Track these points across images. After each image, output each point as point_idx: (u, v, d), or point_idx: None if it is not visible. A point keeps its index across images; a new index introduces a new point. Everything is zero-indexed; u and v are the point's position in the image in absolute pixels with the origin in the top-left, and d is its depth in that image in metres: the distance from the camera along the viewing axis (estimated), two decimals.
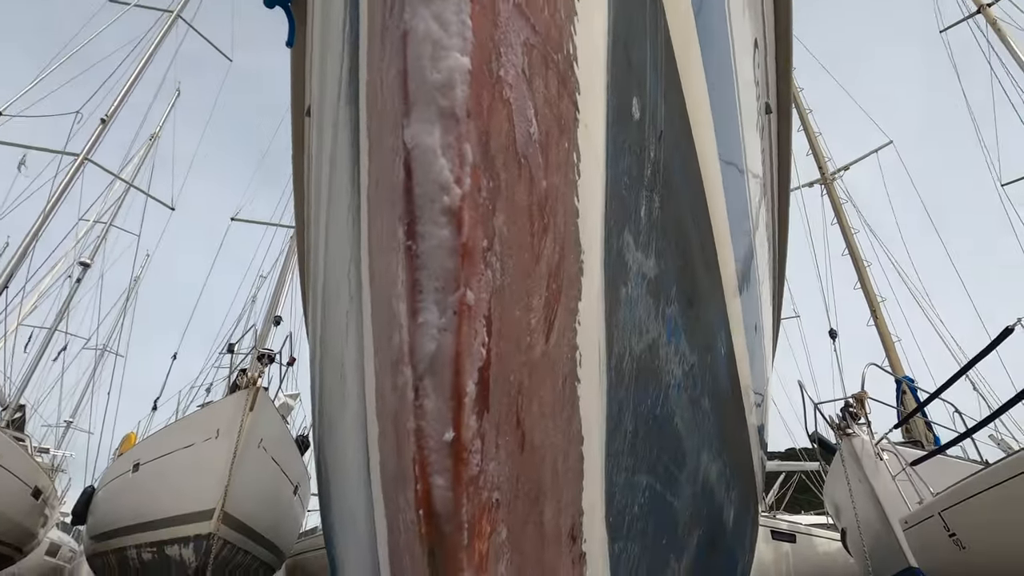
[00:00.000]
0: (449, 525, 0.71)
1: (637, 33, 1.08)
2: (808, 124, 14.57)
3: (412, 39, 0.72)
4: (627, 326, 1.07)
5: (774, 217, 2.82)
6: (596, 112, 0.91)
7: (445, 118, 0.71)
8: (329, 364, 1.41)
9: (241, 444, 6.10)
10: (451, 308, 0.71)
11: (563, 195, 0.83)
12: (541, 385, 0.81)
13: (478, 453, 0.72)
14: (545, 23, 0.81)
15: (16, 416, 11.31)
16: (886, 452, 5.82)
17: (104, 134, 10.73)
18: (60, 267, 15.99)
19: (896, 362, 10.56)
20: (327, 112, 1.32)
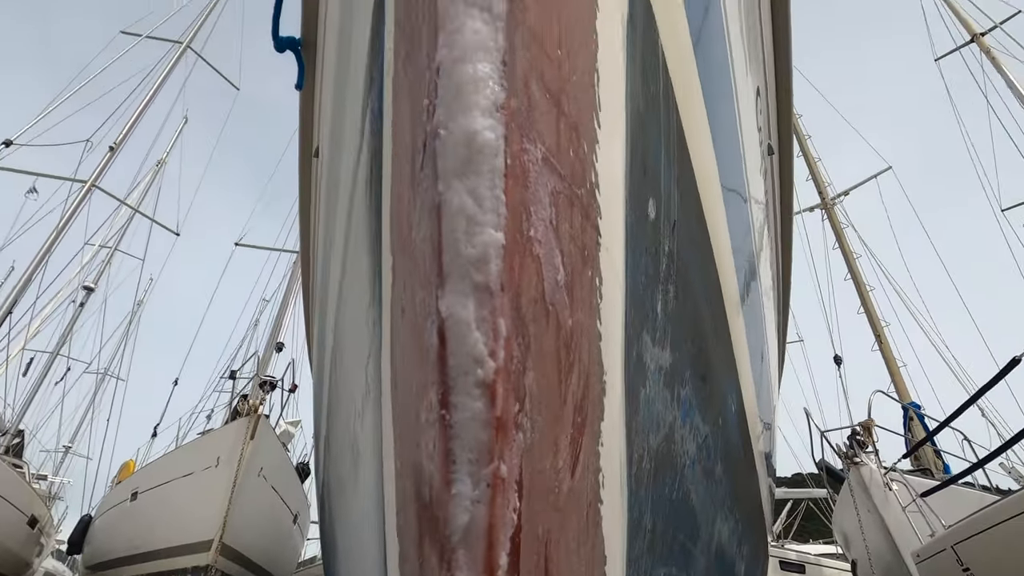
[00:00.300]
0: None
1: (652, 134, 1.10)
2: (807, 150, 14.73)
3: (446, 212, 0.73)
4: (646, 427, 1.06)
5: (777, 252, 2.84)
6: (616, 231, 0.91)
7: (480, 292, 0.72)
8: (339, 426, 1.41)
9: (241, 473, 6.04)
10: (485, 480, 0.71)
11: (587, 327, 0.83)
12: (567, 524, 0.80)
13: None
14: (570, 164, 0.82)
15: (15, 442, 11.23)
16: (895, 482, 5.73)
17: (112, 162, 10.90)
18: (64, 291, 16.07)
19: (902, 387, 10.47)
20: (342, 182, 1.34)
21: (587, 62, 0.86)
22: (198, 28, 14.25)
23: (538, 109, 0.77)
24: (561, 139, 0.80)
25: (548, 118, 0.79)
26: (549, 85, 0.79)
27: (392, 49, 0.86)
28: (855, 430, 6.34)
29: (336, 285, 1.43)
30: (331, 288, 1.53)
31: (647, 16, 1.09)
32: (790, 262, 3.11)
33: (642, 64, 1.05)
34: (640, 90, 1.03)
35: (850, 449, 6.21)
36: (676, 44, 1.24)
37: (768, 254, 2.36)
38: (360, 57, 1.14)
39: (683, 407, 1.26)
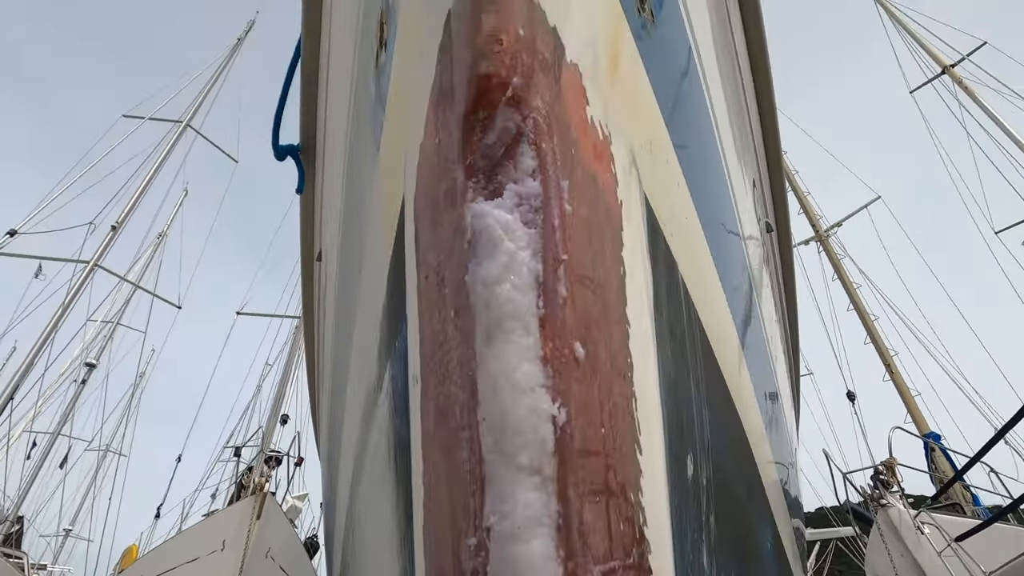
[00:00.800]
0: None
1: (684, 403, 1.09)
2: (796, 184, 14.99)
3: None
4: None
5: (785, 327, 2.84)
6: (665, 552, 0.87)
7: None
8: None
9: (248, 556, 5.82)
10: None
11: None
12: None
13: None
14: (623, 545, 0.77)
15: (14, 529, 10.89)
16: (927, 526, 5.53)
17: (114, 241, 11.09)
18: (66, 370, 15.98)
19: (919, 417, 10.26)
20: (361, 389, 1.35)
21: (626, 415, 0.83)
22: (197, 107, 14.77)
23: (592, 534, 0.73)
24: (612, 528, 0.76)
25: (600, 532, 0.74)
26: (596, 487, 0.75)
27: None
28: (878, 469, 6.17)
29: (352, 454, 1.42)
30: (344, 438, 1.51)
31: None
32: (797, 333, 3.14)
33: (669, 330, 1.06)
34: (670, 358, 1.03)
35: (875, 490, 6.03)
36: None
37: (778, 330, 2.36)
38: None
39: None
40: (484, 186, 0.78)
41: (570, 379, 0.75)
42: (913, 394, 10.64)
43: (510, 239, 0.76)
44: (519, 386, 0.72)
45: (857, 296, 12.45)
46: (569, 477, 0.72)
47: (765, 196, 2.32)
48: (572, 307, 0.78)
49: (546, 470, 0.70)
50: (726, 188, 1.66)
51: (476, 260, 0.76)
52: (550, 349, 0.74)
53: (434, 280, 0.81)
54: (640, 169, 1.02)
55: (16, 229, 10.02)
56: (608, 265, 0.86)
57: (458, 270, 0.77)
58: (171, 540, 7.03)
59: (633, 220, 0.96)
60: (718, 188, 1.62)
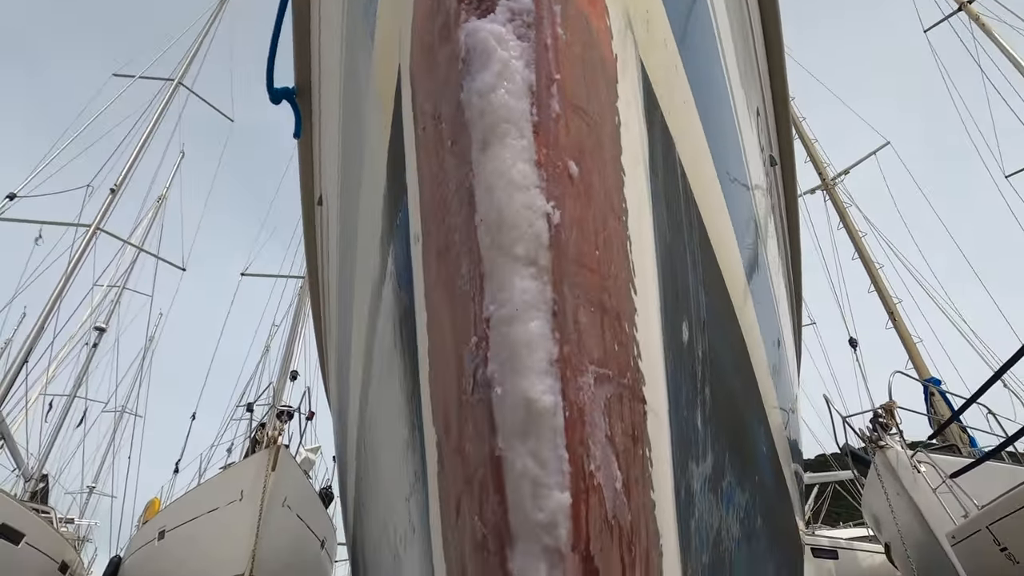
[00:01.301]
0: None
1: (680, 266, 1.09)
2: (803, 132, 14.66)
3: (509, 473, 0.72)
4: (697, 550, 1.05)
5: (788, 265, 2.82)
6: (659, 391, 0.89)
7: (550, 553, 0.70)
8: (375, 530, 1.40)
9: (265, 505, 6.05)
10: None
11: (644, 507, 0.81)
12: None
13: None
14: (616, 359, 0.80)
15: (40, 487, 11.32)
16: (923, 463, 5.67)
17: (115, 204, 11.03)
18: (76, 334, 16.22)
19: (920, 364, 10.36)
20: (357, 303, 1.34)
21: (620, 249, 0.84)
22: (188, 63, 14.39)
23: (587, 334, 0.76)
24: (607, 343, 0.79)
25: (595, 336, 0.77)
26: (591, 299, 0.78)
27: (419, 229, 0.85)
28: (877, 413, 6.28)
29: (358, 392, 1.43)
30: (352, 382, 1.53)
31: (665, 137, 1.10)
32: (800, 271, 3.10)
33: (665, 194, 1.05)
34: (667, 226, 1.02)
35: (874, 432, 6.15)
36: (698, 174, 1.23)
37: (778, 261, 2.35)
38: None
39: (725, 499, 1.25)
40: (476, 6, 0.80)
41: (564, 189, 0.77)
42: (915, 341, 10.72)
43: (503, 48, 0.78)
44: (514, 183, 0.75)
45: (862, 245, 12.38)
46: (564, 272, 0.75)
47: (769, 128, 2.26)
48: (566, 127, 0.79)
49: (541, 260, 0.74)
50: (728, 105, 1.61)
51: (470, 76, 0.78)
52: (544, 156, 0.76)
53: (431, 125, 0.83)
54: (636, 35, 1.01)
55: (15, 192, 9.97)
56: (603, 106, 0.86)
57: (453, 93, 0.79)
58: (191, 492, 7.30)
59: (628, 78, 0.95)
60: (720, 94, 1.56)
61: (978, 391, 4.30)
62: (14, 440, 9.69)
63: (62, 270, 10.27)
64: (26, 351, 9.14)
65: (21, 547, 6.93)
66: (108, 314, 16.93)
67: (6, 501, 6.74)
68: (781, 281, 2.29)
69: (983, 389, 4.24)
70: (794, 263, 2.88)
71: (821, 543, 9.34)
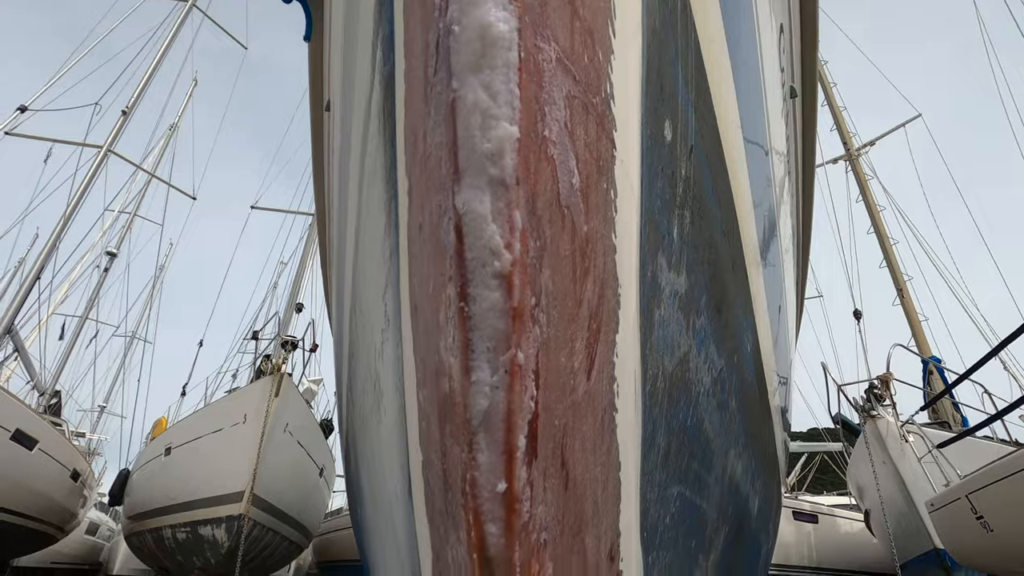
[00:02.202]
0: (501, 569, 0.74)
1: (669, 53, 1.08)
2: (832, 98, 14.17)
3: (461, 108, 0.73)
4: (660, 348, 1.08)
5: (798, 200, 2.76)
6: (631, 146, 0.91)
7: (495, 186, 0.73)
8: (360, 369, 1.45)
9: (268, 429, 6.26)
10: (503, 367, 0.73)
11: (602, 236, 0.85)
12: (583, 423, 0.83)
13: (528, 500, 0.75)
14: (585, 70, 0.81)
15: (52, 402, 11.74)
16: (912, 434, 5.75)
17: (125, 126, 10.91)
18: (88, 257, 16.42)
19: (923, 342, 10.36)
20: (355, 124, 1.34)
21: None
22: None
23: (551, 6, 0.76)
24: (575, 42, 0.79)
25: (562, 17, 0.77)
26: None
27: None
28: (873, 384, 6.32)
29: (352, 231, 1.44)
30: (348, 235, 1.54)
31: None
32: (811, 211, 3.03)
33: None
34: (657, 7, 1.01)
35: (867, 402, 6.21)
36: None
37: (788, 200, 2.30)
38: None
39: (698, 337, 1.27)
40: None
41: None
42: (921, 319, 10.67)
43: None
44: None
45: (880, 219, 12.15)
46: None
47: (793, 51, 2.16)
48: None
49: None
50: (751, 17, 1.54)
51: None
52: None
53: None
54: None
55: (26, 105, 9.87)
56: None
57: None
58: (197, 412, 7.56)
59: None
60: None
61: (973, 366, 4.30)
62: (28, 353, 9.98)
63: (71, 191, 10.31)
64: (38, 268, 9.27)
65: (35, 453, 7.25)
66: (119, 240, 17.08)
67: (20, 408, 6.99)
68: (788, 221, 2.25)
69: (978, 365, 4.24)
70: (805, 206, 2.81)
71: (803, 507, 9.62)
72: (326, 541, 11.57)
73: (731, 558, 1.69)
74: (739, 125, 1.46)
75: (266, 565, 7.98)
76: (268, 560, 7.70)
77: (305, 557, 14.00)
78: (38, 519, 7.95)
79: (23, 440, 6.96)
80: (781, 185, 2.11)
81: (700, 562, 1.38)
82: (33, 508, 7.67)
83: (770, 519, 2.21)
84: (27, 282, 9.04)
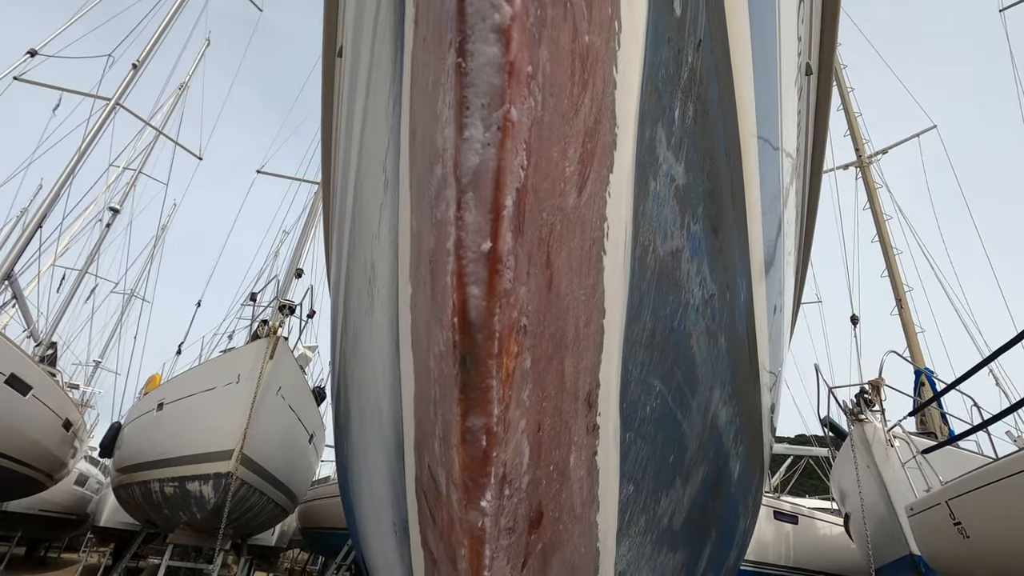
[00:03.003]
0: (482, 334, 0.77)
1: None
2: (848, 103, 14.05)
3: None
4: (653, 220, 1.09)
5: (805, 189, 2.72)
6: None
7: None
8: (358, 258, 1.46)
9: (260, 390, 6.30)
10: (495, 124, 0.75)
11: (603, 60, 0.86)
12: (570, 236, 0.85)
13: (511, 270, 0.77)
14: None
15: (48, 352, 11.79)
16: (898, 439, 5.79)
17: (136, 80, 10.83)
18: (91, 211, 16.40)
19: (918, 353, 10.38)
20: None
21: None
22: None
23: None
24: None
25: None
26: None
27: None
28: (863, 388, 6.35)
29: (355, 156, 1.44)
30: (351, 169, 1.53)
31: None
32: (816, 209, 2.97)
33: None
34: None
35: (856, 406, 6.24)
36: None
37: (793, 206, 2.26)
38: None
39: (692, 241, 1.27)
40: None
41: None
42: (917, 331, 10.69)
43: None
44: None
45: (886, 229, 12.12)
46: None
47: (812, 26, 2.12)
48: None
49: None
50: None
51: None
52: None
53: None
54: None
55: (36, 49, 9.79)
56: None
57: None
58: (191, 370, 7.60)
59: None
60: None
61: (961, 376, 4.32)
62: (26, 301, 10.00)
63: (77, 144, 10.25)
64: (40, 216, 9.26)
65: (28, 399, 7.29)
66: (123, 196, 17.04)
67: (16, 353, 7.02)
68: (793, 198, 2.22)
69: (967, 375, 4.26)
70: (813, 186, 2.74)
71: (783, 508, 9.72)
72: (312, 508, 11.70)
73: (709, 510, 1.69)
74: (752, 85, 1.44)
75: (250, 526, 8.08)
76: (253, 521, 7.79)
77: (290, 523, 14.18)
78: (29, 465, 8.03)
79: (17, 385, 6.99)
80: (789, 174, 2.07)
81: (676, 487, 1.39)
82: (24, 454, 7.74)
83: (750, 492, 2.21)
84: (29, 229, 9.03)
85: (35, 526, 13.81)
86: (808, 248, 3.21)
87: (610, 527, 1.11)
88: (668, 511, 1.38)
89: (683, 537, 1.53)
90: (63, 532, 15.84)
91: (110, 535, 12.44)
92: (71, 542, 19.98)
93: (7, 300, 9.42)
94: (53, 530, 14.94)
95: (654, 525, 1.31)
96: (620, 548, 1.17)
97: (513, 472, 0.83)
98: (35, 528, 14.00)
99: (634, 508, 1.19)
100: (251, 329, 9.11)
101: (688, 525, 1.54)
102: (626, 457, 1.10)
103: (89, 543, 16.38)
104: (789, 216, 2.13)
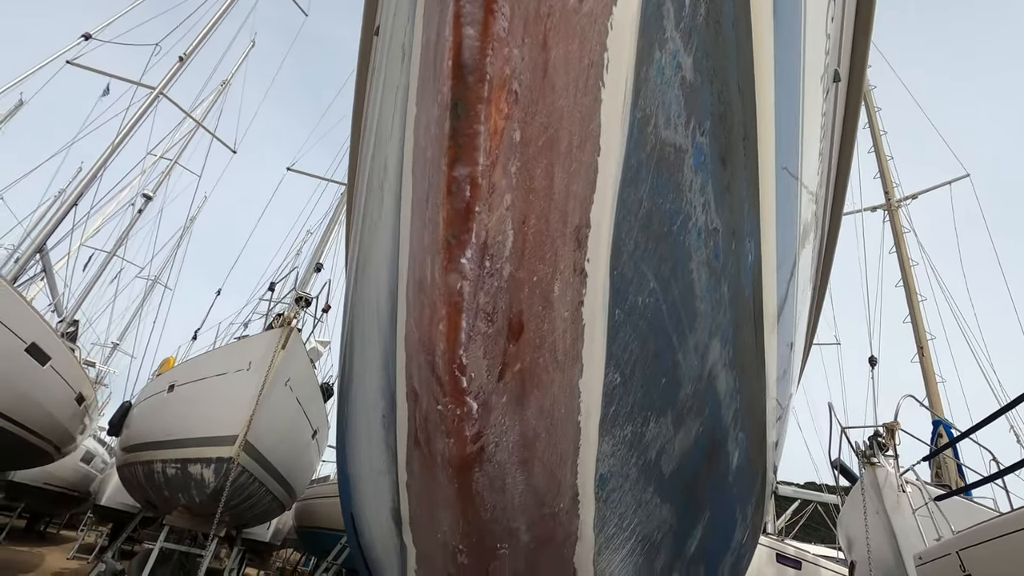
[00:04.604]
0: (473, 76, 0.78)
1: None
2: (880, 145, 13.93)
3: None
4: (655, 92, 1.05)
5: (826, 218, 2.64)
6: None
7: None
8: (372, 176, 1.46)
9: (269, 379, 6.36)
10: None
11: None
12: (569, 37, 0.84)
13: (505, 19, 0.80)
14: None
15: (70, 329, 12.07)
16: (910, 485, 5.61)
17: (181, 72, 11.21)
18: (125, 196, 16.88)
19: (937, 403, 10.10)
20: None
21: None
22: None
23: None
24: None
25: None
26: None
27: None
28: (878, 431, 6.19)
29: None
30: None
31: None
32: (836, 237, 2.88)
33: None
34: None
35: (869, 449, 6.07)
36: None
37: (813, 239, 2.17)
38: None
39: (696, 152, 1.20)
40: None
41: None
42: (937, 380, 10.41)
43: None
44: None
45: (911, 275, 11.90)
46: None
47: (844, 28, 2.07)
48: None
49: None
50: None
51: None
52: None
53: None
54: None
55: (91, 33, 10.22)
56: None
57: None
58: (204, 354, 7.70)
59: None
60: None
61: (977, 424, 4.20)
62: (55, 276, 10.28)
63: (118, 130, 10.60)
64: (77, 194, 9.56)
65: (46, 369, 7.45)
66: (156, 184, 17.53)
67: (40, 324, 7.20)
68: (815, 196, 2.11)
69: (983, 423, 4.14)
70: (837, 193, 2.63)
71: (787, 551, 9.42)
72: (309, 506, 11.67)
73: (702, 477, 1.56)
74: (773, 69, 1.41)
75: (246, 516, 8.08)
76: (249, 511, 7.80)
77: (285, 521, 14.15)
78: (39, 435, 8.16)
79: (36, 354, 7.15)
80: (812, 198, 1.99)
81: (668, 420, 1.29)
82: (36, 423, 7.88)
83: (750, 493, 2.05)
84: (65, 206, 9.32)
85: (39, 499, 13.99)
86: (827, 278, 3.12)
87: (592, 406, 1.06)
88: (656, 444, 1.30)
89: (673, 490, 1.44)
90: (65, 508, 16.02)
91: (109, 514, 12.54)
92: (71, 519, 20.19)
93: (37, 273, 9.69)
94: (56, 505, 15.11)
95: (640, 447, 1.25)
96: (603, 444, 1.12)
97: (495, 247, 0.82)
98: (39, 501, 14.18)
99: (620, 406, 1.14)
100: (267, 319, 9.23)
101: (679, 478, 1.45)
102: (614, 337, 1.06)
103: (88, 521, 16.52)
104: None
